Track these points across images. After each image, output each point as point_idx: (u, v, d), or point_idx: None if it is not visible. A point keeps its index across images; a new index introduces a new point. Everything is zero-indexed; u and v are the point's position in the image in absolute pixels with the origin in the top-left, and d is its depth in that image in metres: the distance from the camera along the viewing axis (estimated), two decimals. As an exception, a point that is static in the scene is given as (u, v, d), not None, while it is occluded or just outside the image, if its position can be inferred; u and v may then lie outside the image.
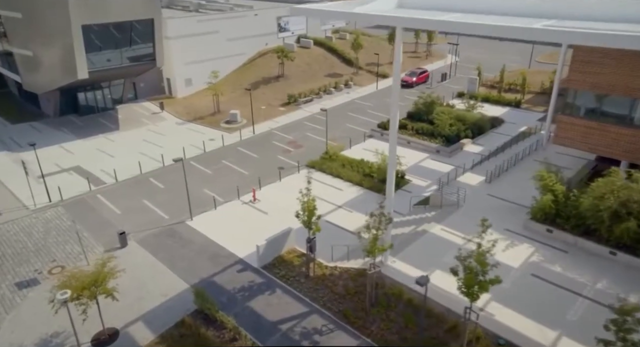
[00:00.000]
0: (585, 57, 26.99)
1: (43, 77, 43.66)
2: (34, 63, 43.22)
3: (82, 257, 25.34)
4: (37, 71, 43.83)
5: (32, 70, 44.43)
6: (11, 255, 25.74)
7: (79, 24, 37.61)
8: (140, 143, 40.94)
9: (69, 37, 37.79)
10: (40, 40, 40.94)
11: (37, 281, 23.68)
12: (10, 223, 28.73)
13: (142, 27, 42.48)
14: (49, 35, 39.88)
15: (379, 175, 32.48)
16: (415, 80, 56.06)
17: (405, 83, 54.62)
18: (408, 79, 55.87)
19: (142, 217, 29.22)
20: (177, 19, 52.52)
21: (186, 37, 51.72)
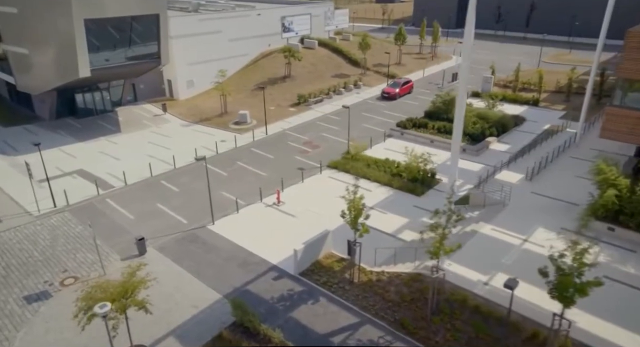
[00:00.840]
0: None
1: (40, 77, 40.99)
2: (30, 62, 40.57)
3: (97, 266, 22.87)
4: (34, 70, 41.18)
5: (27, 70, 41.75)
6: (16, 266, 23.11)
7: (82, 18, 35.15)
8: (145, 145, 38.50)
9: (70, 32, 35.32)
10: (38, 36, 38.35)
11: (49, 294, 21.11)
12: (13, 231, 26.06)
13: (147, 23, 40.21)
14: (48, 31, 37.33)
15: (408, 174, 30.65)
16: (398, 91, 50.22)
17: (388, 95, 49.93)
18: (390, 90, 50.45)
19: (158, 223, 26.82)
20: (179, 18, 50.30)
21: (188, 37, 49.54)
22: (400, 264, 21.83)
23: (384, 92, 50.29)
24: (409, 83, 52.29)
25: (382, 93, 50.59)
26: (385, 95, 49.92)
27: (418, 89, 53.26)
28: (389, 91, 50.30)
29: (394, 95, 49.66)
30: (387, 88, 51.13)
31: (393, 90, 50.35)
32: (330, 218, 26.51)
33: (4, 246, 24.67)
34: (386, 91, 50.42)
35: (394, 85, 51.37)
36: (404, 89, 51.28)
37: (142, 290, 16.95)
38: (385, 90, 50.65)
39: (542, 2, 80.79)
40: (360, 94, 51.91)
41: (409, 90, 51.94)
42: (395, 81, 52.59)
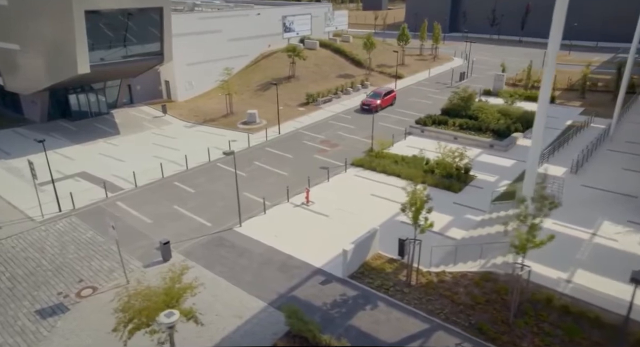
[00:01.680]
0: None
1: (32, 75, 38.01)
2: (21, 59, 37.59)
3: (117, 274, 20.22)
4: (25, 68, 38.17)
5: (17, 68, 38.73)
6: (23, 276, 20.25)
7: (82, 9, 32.56)
8: (150, 147, 35.82)
9: (69, 25, 32.66)
10: (32, 31, 35.50)
11: (65, 307, 18.36)
12: (15, 238, 23.15)
13: (149, 17, 37.84)
14: (44, 25, 34.55)
15: (442, 170, 28.80)
16: (380, 103, 43.36)
17: (368, 107, 42.87)
18: (371, 101, 43.40)
19: (178, 226, 24.26)
20: (178, 15, 47.89)
21: (187, 36, 47.10)
22: (461, 263, 19.80)
23: (364, 104, 43.59)
24: (391, 93, 45.65)
25: (361, 105, 44.05)
26: (365, 107, 43.18)
27: (427, 89, 51.84)
28: (369, 103, 43.33)
29: (374, 107, 42.57)
30: (366, 99, 44.33)
31: (374, 101, 43.38)
32: (365, 217, 24.59)
33: (7, 255, 21.77)
34: (366, 103, 43.66)
35: (375, 96, 44.49)
36: (386, 100, 44.61)
37: (189, 297, 14.55)
38: (365, 101, 43.92)
39: (537, 5, 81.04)
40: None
41: (391, 102, 45.52)
42: (376, 91, 45.55)
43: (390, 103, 45.44)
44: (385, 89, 46.24)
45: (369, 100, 43.99)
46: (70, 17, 32.25)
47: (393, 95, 46.07)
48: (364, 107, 43.55)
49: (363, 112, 43.09)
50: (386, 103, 44.70)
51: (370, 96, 45.00)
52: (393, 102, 45.95)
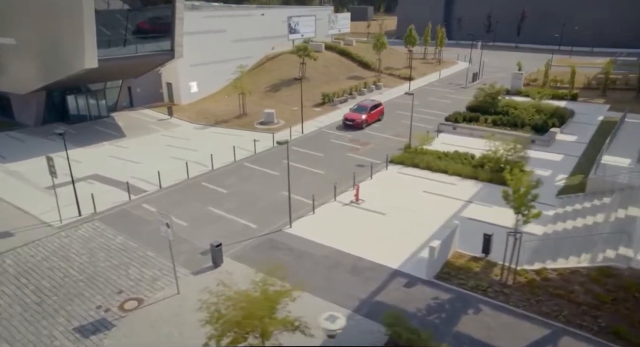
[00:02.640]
0: None
1: (30, 73, 34.75)
2: (18, 54, 34.31)
3: (163, 282, 17.28)
4: (22, 65, 34.90)
5: (12, 65, 35.40)
6: (50, 288, 17.06)
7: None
8: (164, 148, 32.83)
9: (77, 15, 29.72)
10: (31, 23, 32.36)
11: (109, 323, 15.30)
12: (33, 245, 19.88)
13: (161, 10, 35.21)
14: (46, 16, 31.46)
15: (494, 165, 26.77)
16: (365, 118, 36.59)
17: (352, 123, 36.45)
18: (355, 117, 36.58)
19: (218, 228, 21.41)
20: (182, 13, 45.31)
21: (191, 35, 44.08)
22: (561, 259, 17.59)
23: (347, 120, 36.84)
24: (378, 107, 38.70)
25: (343, 120, 37.29)
26: (349, 122, 36.50)
27: (442, 89, 50.26)
28: (354, 118, 36.49)
29: (360, 123, 36.17)
30: (350, 113, 37.42)
31: (359, 116, 36.51)
32: (423, 215, 22.39)
33: (26, 265, 18.51)
34: (349, 118, 36.74)
35: (360, 110, 37.50)
36: (373, 115, 37.75)
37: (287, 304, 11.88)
38: (349, 116, 36.95)
39: (532, 11, 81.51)
40: (384, 94, 48.25)
41: (378, 117, 38.56)
42: (361, 105, 38.39)
43: (377, 118, 38.45)
44: (371, 102, 38.86)
45: (353, 114, 36.95)
46: (78, 6, 29.34)
47: (380, 109, 39.01)
48: (346, 122, 36.57)
49: (346, 128, 36.50)
50: (373, 118, 37.74)
51: (354, 110, 37.90)
52: (381, 118, 38.93)
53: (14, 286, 17.21)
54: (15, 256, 19.11)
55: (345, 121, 37.10)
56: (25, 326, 15.17)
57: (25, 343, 14.37)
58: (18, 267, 18.33)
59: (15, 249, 19.56)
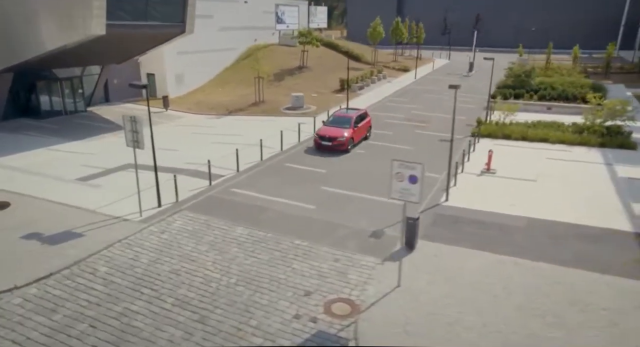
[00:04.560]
0: None
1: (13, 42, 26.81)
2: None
3: (352, 276, 12.03)
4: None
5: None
6: (201, 299, 11.00)
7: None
8: (192, 137, 26.79)
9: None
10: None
11: (334, 336, 9.82)
12: (121, 246, 13.40)
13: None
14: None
15: (600, 130, 24.49)
16: (350, 135, 22.96)
17: (330, 143, 22.64)
18: (336, 133, 22.82)
19: (360, 209, 16.35)
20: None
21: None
22: None
23: (322, 138, 22.80)
24: (365, 119, 25.12)
25: (316, 140, 23.07)
26: (326, 143, 22.69)
27: (445, 78, 48.32)
28: (334, 137, 22.62)
29: (343, 144, 22.61)
30: (326, 129, 23.30)
31: (340, 132, 22.78)
32: (574, 180, 19.28)
33: (133, 271, 12.16)
34: (328, 135, 22.72)
35: (340, 122, 23.64)
36: (360, 130, 24.14)
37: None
38: (326, 133, 22.87)
39: (487, 14, 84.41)
40: (393, 82, 45.30)
41: (366, 134, 25.09)
42: (340, 115, 24.59)
43: (365, 136, 25.00)
44: (354, 111, 25.07)
45: (332, 131, 22.86)
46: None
47: (369, 121, 25.48)
48: (322, 143, 22.71)
49: (319, 152, 22.80)
50: (360, 135, 24.30)
51: (331, 123, 23.80)
52: (368, 135, 25.41)
53: (143, 302, 10.91)
54: (108, 261, 12.62)
55: (320, 141, 22.75)
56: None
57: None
58: (125, 276, 11.94)
59: (100, 252, 13.01)
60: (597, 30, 75.81)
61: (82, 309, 10.67)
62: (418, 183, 10.34)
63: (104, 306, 10.80)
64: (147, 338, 9.75)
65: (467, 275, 12.06)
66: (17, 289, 11.30)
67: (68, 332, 9.91)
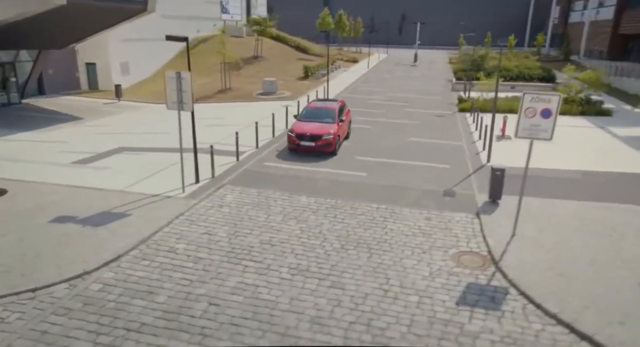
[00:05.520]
0: None
1: None
2: None
3: (465, 229, 11.30)
4: None
5: None
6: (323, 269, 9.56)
7: None
8: (173, 122, 24.24)
9: None
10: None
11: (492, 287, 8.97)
12: (180, 223, 11.34)
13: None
14: None
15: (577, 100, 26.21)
16: (336, 133, 17.42)
17: (314, 143, 17.05)
18: (318, 130, 17.34)
19: (408, 174, 15.56)
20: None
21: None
22: None
23: (300, 136, 17.23)
24: (345, 110, 20.19)
25: (292, 139, 17.36)
26: (307, 144, 17.14)
27: (396, 67, 49.34)
28: (317, 133, 17.19)
29: (330, 143, 17.17)
30: (303, 125, 17.83)
31: (324, 129, 17.40)
32: (583, 142, 20.74)
33: (217, 244, 10.28)
34: (308, 133, 17.20)
35: (319, 116, 18.47)
36: (345, 124, 19.36)
37: None
38: (304, 130, 17.35)
39: (411, 13, 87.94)
40: (348, 71, 45.23)
41: (348, 128, 20.29)
42: (315, 108, 19.43)
43: (347, 133, 20.02)
44: (333, 102, 19.93)
45: (310, 127, 17.53)
46: None
47: (349, 114, 20.71)
48: (302, 144, 17.20)
49: (296, 156, 17.32)
50: (344, 133, 19.35)
51: (306, 118, 18.44)
52: (349, 131, 20.37)
53: (253, 274, 9.13)
54: (180, 238, 10.55)
55: (297, 141, 17.19)
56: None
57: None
58: (212, 251, 10.00)
59: (162, 230, 10.86)
60: (508, 28, 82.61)
61: (185, 288, 8.69)
62: (552, 117, 9.83)
63: (210, 282, 8.89)
64: (291, 310, 8.13)
65: (570, 221, 11.79)
66: (87, 275, 8.96)
67: (188, 313, 7.96)
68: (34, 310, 7.93)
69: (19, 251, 9.69)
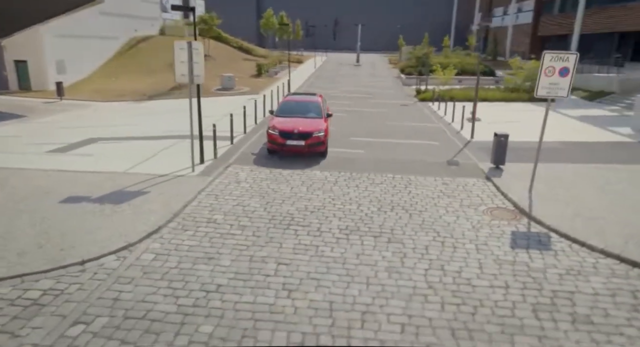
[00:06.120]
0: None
1: None
2: None
3: (484, 189, 11.87)
4: None
5: None
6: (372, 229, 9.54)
7: None
8: (140, 115, 23.06)
9: None
10: None
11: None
12: (211, 195, 10.80)
13: None
14: None
15: (524, 88, 28.43)
16: (327, 129, 14.77)
17: (304, 141, 13.96)
18: (306, 126, 14.27)
19: (403, 151, 16.02)
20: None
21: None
22: None
23: (287, 135, 13.96)
24: (326, 104, 17.35)
25: (277, 138, 14.05)
26: (295, 144, 13.94)
27: (342, 67, 50.31)
28: (306, 130, 14.05)
29: (321, 142, 14.22)
30: (286, 121, 14.57)
31: (313, 125, 14.37)
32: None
33: (254, 213, 9.95)
34: (296, 130, 13.98)
35: (301, 111, 15.56)
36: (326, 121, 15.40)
37: None
38: (290, 127, 14.07)
39: (344, 17, 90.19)
40: (297, 70, 45.29)
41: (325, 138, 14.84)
42: (295, 101, 16.52)
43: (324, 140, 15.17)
44: (310, 96, 17.26)
45: (296, 123, 14.40)
46: None
47: (328, 108, 17.28)
48: (288, 144, 14.02)
49: (278, 158, 14.50)
50: (327, 131, 15.11)
51: (285, 114, 15.40)
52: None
53: (306, 236, 8.93)
54: (213, 210, 10.05)
55: (282, 140, 14.05)
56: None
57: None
58: (253, 219, 9.64)
59: (190, 204, 10.28)
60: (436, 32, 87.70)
61: (245, 252, 8.29)
62: (569, 76, 10.61)
63: (267, 246, 8.56)
64: (363, 263, 8.06)
65: (572, 178, 12.76)
66: (132, 247, 8.25)
67: (262, 272, 7.61)
68: (92, 281, 7.18)
69: (42, 229, 8.72)
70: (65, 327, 6.09)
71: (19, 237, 8.40)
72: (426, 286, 7.46)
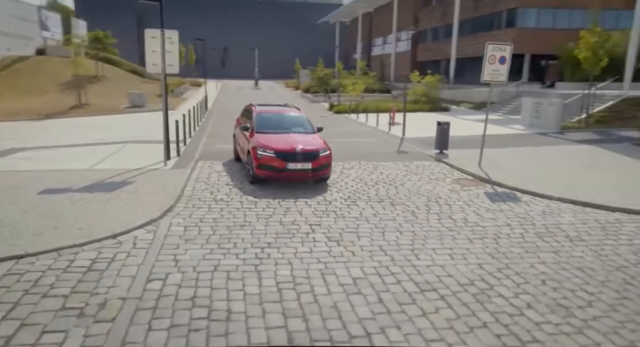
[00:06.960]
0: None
1: None
2: None
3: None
4: None
5: None
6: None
7: None
8: (58, 134, 21.07)
9: None
10: None
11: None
12: (202, 183, 10.55)
13: None
14: None
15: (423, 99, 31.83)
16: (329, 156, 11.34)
17: (310, 164, 10.62)
18: (307, 144, 11.15)
19: (354, 145, 17.19)
20: None
21: None
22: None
23: (285, 156, 10.50)
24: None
25: (277, 161, 10.44)
26: (297, 168, 10.52)
27: (245, 90, 50.66)
28: (310, 149, 10.88)
29: (328, 162, 11.12)
30: (277, 138, 11.17)
31: (314, 143, 11.33)
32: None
33: (266, 191, 10.01)
34: (298, 149, 10.64)
35: (285, 125, 12.37)
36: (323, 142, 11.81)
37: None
38: (287, 146, 10.70)
39: (232, 46, 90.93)
40: (200, 91, 44.58)
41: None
42: (274, 113, 13.31)
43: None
44: (282, 106, 15.16)
45: (292, 140, 11.13)
46: None
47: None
48: (289, 168, 10.42)
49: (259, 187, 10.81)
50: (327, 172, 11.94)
51: (266, 129, 11.74)
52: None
53: (321, 205, 9.33)
54: (213, 192, 9.92)
55: (283, 163, 10.43)
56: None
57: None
58: (270, 202, 9.74)
59: (185, 189, 10.02)
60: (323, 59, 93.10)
61: (273, 218, 8.46)
62: (506, 63, 12.67)
63: (290, 213, 8.82)
64: (385, 218, 8.76)
65: (508, 155, 15.03)
66: (155, 222, 7.90)
67: (301, 231, 7.88)
68: (136, 249, 6.84)
69: (41, 214, 7.94)
70: (142, 284, 5.79)
71: (21, 221, 7.58)
72: (447, 229, 8.41)
